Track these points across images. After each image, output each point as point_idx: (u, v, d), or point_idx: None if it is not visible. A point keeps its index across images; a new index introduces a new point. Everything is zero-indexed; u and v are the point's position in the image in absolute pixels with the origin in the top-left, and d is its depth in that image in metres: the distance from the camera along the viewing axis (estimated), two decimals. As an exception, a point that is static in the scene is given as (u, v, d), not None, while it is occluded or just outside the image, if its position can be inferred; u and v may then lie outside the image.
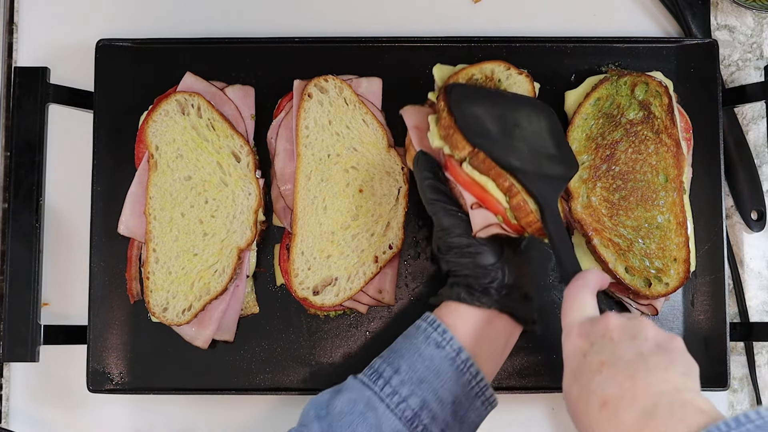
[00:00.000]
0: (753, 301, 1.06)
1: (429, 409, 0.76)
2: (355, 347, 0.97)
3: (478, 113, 0.85)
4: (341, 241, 0.93)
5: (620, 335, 0.69)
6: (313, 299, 0.92)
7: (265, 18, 1.07)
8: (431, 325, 0.80)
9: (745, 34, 1.09)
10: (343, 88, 0.96)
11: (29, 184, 0.95)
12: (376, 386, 0.77)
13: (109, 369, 0.96)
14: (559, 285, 0.98)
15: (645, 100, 0.96)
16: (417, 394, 0.76)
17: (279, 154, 0.97)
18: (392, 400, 0.76)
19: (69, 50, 1.05)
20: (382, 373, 0.78)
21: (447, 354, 0.78)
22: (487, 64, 0.95)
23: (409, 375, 0.77)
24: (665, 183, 0.95)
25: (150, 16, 1.07)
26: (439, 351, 0.78)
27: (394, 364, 0.78)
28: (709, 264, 0.99)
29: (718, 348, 0.97)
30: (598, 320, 0.71)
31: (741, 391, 1.05)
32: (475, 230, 0.82)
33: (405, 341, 0.80)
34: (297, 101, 0.96)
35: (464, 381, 0.78)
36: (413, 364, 0.78)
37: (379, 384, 0.77)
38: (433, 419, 0.76)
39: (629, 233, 0.94)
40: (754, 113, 1.08)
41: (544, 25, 1.06)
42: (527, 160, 0.84)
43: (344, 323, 0.97)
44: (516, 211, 0.82)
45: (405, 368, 0.77)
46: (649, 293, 0.94)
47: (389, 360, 0.79)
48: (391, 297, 0.96)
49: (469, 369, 0.78)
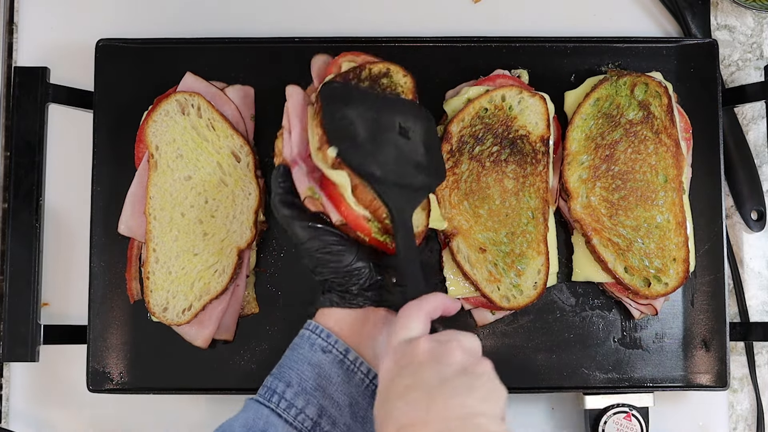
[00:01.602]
0: (753, 300, 1.06)
1: (328, 415, 0.76)
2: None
3: (349, 115, 0.80)
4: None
5: (427, 359, 0.69)
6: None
7: (265, 18, 1.07)
8: (314, 332, 0.79)
9: (745, 34, 1.09)
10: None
11: (29, 184, 0.95)
12: (271, 403, 0.76)
13: (109, 369, 0.96)
14: (560, 284, 0.98)
15: (644, 101, 0.96)
16: (313, 403, 0.76)
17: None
18: (290, 414, 0.76)
19: (69, 50, 1.05)
20: (275, 390, 0.77)
21: (335, 357, 0.77)
22: (497, 91, 0.94)
23: (302, 385, 0.76)
24: (665, 183, 0.95)
25: (150, 16, 1.07)
26: (327, 356, 0.77)
27: (285, 378, 0.77)
28: (708, 264, 0.99)
29: (718, 348, 0.97)
30: (410, 343, 0.71)
31: (741, 391, 1.06)
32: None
33: (292, 353, 0.79)
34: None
35: (357, 380, 0.77)
36: (303, 374, 0.77)
37: (274, 400, 0.76)
38: (333, 424, 0.76)
39: (629, 233, 0.95)
40: (754, 113, 1.08)
41: (543, 25, 1.06)
42: (390, 168, 0.80)
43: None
44: (383, 227, 0.80)
45: (296, 380, 0.77)
46: (649, 293, 0.94)
47: (279, 375, 0.78)
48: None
49: (359, 368, 0.78)
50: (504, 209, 0.95)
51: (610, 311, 0.98)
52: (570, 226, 0.98)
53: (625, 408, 0.97)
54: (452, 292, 0.96)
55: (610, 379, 0.97)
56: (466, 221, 0.95)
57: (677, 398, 1.03)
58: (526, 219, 0.95)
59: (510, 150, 0.95)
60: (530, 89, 0.97)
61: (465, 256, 0.94)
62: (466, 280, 0.95)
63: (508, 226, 0.95)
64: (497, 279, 0.94)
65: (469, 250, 0.94)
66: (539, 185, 0.95)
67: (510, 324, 0.98)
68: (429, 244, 0.98)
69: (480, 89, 0.97)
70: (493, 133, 0.95)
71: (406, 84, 0.90)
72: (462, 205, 0.95)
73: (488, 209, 0.95)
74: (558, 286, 0.98)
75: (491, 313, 0.97)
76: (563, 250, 0.99)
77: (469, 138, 0.95)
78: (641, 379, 0.97)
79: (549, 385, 0.97)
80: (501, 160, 0.95)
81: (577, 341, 0.98)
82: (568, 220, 0.98)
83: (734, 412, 1.06)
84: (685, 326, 0.98)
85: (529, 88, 0.97)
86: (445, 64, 1.00)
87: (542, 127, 0.95)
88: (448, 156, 0.95)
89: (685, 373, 0.97)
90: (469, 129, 0.95)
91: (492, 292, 0.94)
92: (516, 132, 0.95)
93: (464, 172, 0.95)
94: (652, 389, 0.97)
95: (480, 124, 0.95)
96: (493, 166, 0.95)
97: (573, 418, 1.03)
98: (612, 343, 0.98)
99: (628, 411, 0.97)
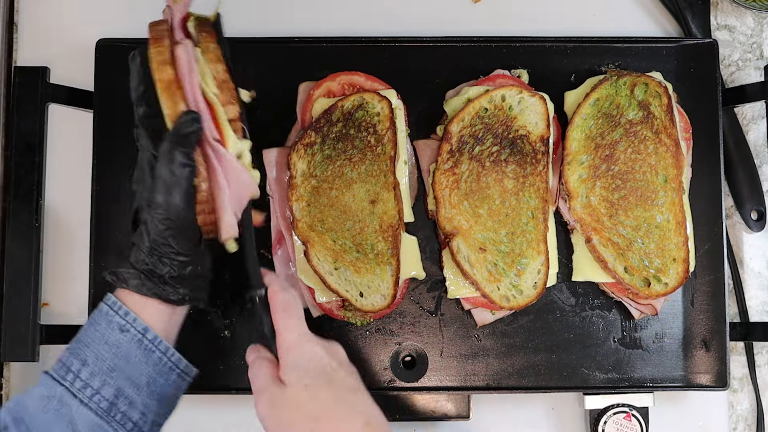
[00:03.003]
0: (753, 301, 1.06)
1: (125, 396, 0.76)
2: (357, 347, 0.97)
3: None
4: None
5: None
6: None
7: (266, 18, 1.07)
8: (113, 308, 0.78)
9: (745, 34, 1.09)
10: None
11: (29, 184, 0.95)
12: (66, 381, 0.75)
13: (109, 369, 0.96)
14: (560, 284, 0.99)
15: (644, 101, 0.96)
16: (110, 384, 0.75)
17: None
18: (85, 394, 0.75)
19: (69, 50, 1.05)
20: (70, 367, 0.76)
21: (133, 336, 0.77)
22: (497, 90, 0.95)
23: (99, 365, 0.76)
24: (664, 183, 0.95)
25: (150, 16, 1.06)
26: (125, 335, 0.77)
27: (81, 356, 0.76)
28: (708, 264, 0.99)
29: (718, 348, 0.98)
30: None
31: (741, 391, 1.06)
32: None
33: (90, 328, 0.78)
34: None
35: (155, 359, 0.77)
36: (100, 353, 0.76)
37: (69, 379, 0.75)
38: (130, 405, 0.76)
39: (628, 233, 0.95)
40: (754, 113, 1.08)
41: (543, 25, 1.06)
42: None
43: (347, 324, 0.97)
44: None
45: (92, 359, 0.76)
46: (649, 293, 0.94)
47: (76, 352, 0.77)
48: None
49: (158, 347, 0.78)
50: (504, 209, 0.95)
51: (610, 311, 0.98)
52: (570, 226, 0.98)
53: (625, 408, 0.97)
54: (452, 291, 0.96)
55: (610, 379, 0.97)
56: (466, 221, 0.95)
57: (677, 398, 1.03)
58: (526, 219, 0.95)
59: (510, 150, 0.96)
60: (530, 89, 0.97)
61: (465, 256, 0.94)
62: (466, 279, 0.95)
63: (508, 225, 0.95)
64: (497, 279, 0.94)
65: (469, 250, 0.94)
66: (539, 185, 0.95)
67: (510, 324, 0.98)
68: (429, 245, 0.99)
69: (480, 89, 0.97)
70: (493, 133, 0.96)
71: (383, 110, 0.94)
72: (462, 204, 0.95)
73: (488, 209, 0.95)
74: (558, 286, 0.98)
75: (491, 313, 0.97)
76: (563, 250, 0.99)
77: (469, 138, 0.96)
78: (641, 379, 0.98)
79: (549, 385, 0.97)
80: (501, 160, 0.95)
81: (577, 341, 0.98)
82: (568, 220, 0.98)
83: (734, 412, 1.06)
84: (685, 326, 0.98)
85: (529, 88, 0.97)
86: (445, 63, 1.00)
87: (542, 127, 0.96)
88: (448, 156, 0.95)
89: (685, 373, 0.98)
90: (469, 129, 0.96)
91: (492, 291, 0.94)
92: (516, 132, 0.96)
93: (464, 172, 0.95)
94: (652, 389, 0.97)
95: (480, 124, 0.96)
96: (493, 166, 0.95)
97: (573, 418, 1.03)
98: (612, 343, 0.98)
99: (628, 411, 0.97)
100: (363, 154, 0.95)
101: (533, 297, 0.95)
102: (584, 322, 0.98)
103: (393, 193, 0.94)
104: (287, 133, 0.99)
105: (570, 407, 1.04)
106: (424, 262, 0.98)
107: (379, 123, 0.94)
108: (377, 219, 0.94)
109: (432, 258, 0.99)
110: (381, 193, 0.94)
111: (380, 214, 0.94)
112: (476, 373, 0.97)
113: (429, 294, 0.98)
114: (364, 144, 0.95)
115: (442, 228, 0.95)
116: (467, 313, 0.98)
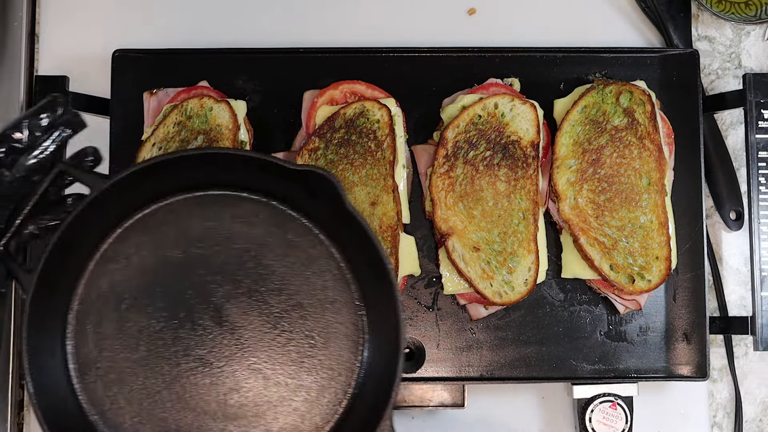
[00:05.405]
0: (731, 296, 1.07)
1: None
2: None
3: None
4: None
5: None
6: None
7: (273, 29, 1.08)
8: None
9: (725, 44, 1.10)
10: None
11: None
12: None
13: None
14: (550, 281, 1.00)
15: (629, 108, 0.97)
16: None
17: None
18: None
19: (87, 60, 1.06)
20: None
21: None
22: (490, 98, 0.96)
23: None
24: (648, 185, 0.96)
25: (164, 28, 1.08)
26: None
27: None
28: (690, 261, 0.99)
29: (699, 340, 0.98)
30: None
31: (720, 381, 1.07)
32: None
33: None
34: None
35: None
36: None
37: None
38: None
39: (614, 233, 0.96)
40: (733, 119, 1.09)
41: (534, 36, 1.06)
42: None
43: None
44: None
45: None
46: (633, 289, 0.95)
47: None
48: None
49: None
50: (496, 210, 0.96)
51: (596, 306, 0.99)
52: (559, 226, 0.99)
53: (611, 397, 0.98)
54: (448, 288, 0.97)
55: (597, 370, 0.98)
56: (460, 222, 0.96)
57: (660, 388, 1.04)
58: (517, 219, 0.96)
59: (502, 154, 0.97)
60: (521, 97, 0.98)
61: (460, 255, 0.96)
62: (460, 277, 0.96)
63: (501, 226, 0.96)
64: (490, 276, 0.96)
65: (464, 248, 0.96)
66: (530, 188, 0.96)
67: (502, 318, 0.99)
68: (426, 244, 1.00)
69: (474, 97, 0.98)
70: (487, 139, 0.97)
71: (383, 117, 0.95)
72: (457, 206, 0.96)
73: (482, 210, 0.96)
74: (547, 282, 0.99)
75: (484, 308, 0.98)
76: (552, 249, 0.99)
77: (463, 143, 0.97)
78: (626, 370, 0.98)
79: (539, 375, 0.98)
80: (494, 164, 0.97)
81: (566, 334, 0.99)
82: (557, 221, 0.99)
83: (714, 400, 1.06)
84: (667, 320, 0.99)
85: (520, 96, 0.98)
86: (441, 73, 1.01)
87: (533, 132, 0.97)
88: (444, 160, 0.96)
89: (668, 364, 0.98)
90: (464, 135, 0.97)
91: (485, 288, 0.96)
92: (508, 137, 0.97)
93: (459, 176, 0.97)
94: (636, 380, 0.98)
95: (474, 130, 0.97)
96: (487, 169, 0.96)
97: (562, 406, 1.04)
98: (598, 336, 0.99)
99: (613, 400, 0.98)
100: (364, 158, 0.96)
101: (524, 293, 0.96)
102: (572, 316, 0.99)
103: (392, 196, 0.95)
104: (293, 138, 1.01)
105: (559, 396, 1.04)
106: (422, 260, 0.99)
107: (379, 129, 0.96)
108: (377, 220, 0.95)
109: (429, 256, 0.99)
110: (381, 196, 0.96)
111: (380, 216, 0.95)
112: (471, 365, 0.98)
113: (426, 290, 1.00)
114: (365, 149, 0.96)
115: (438, 228, 0.96)
116: (462, 308, 0.99)
